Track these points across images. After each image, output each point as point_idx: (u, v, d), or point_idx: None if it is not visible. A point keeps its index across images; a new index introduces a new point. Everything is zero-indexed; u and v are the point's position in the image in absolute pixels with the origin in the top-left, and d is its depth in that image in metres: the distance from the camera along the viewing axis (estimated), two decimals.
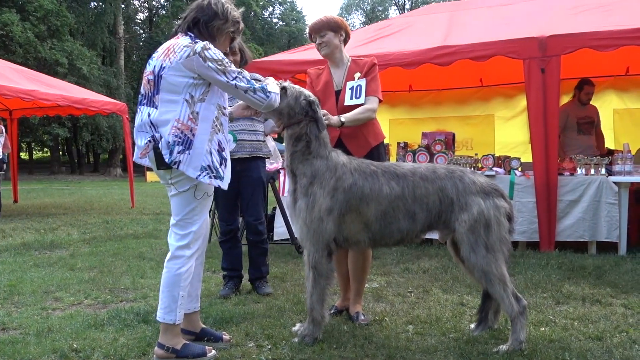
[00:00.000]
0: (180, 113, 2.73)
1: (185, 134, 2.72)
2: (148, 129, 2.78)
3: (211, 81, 2.78)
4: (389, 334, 3.26)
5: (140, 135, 2.81)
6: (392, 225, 3.07)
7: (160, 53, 2.83)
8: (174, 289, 2.82)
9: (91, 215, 10.08)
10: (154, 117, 2.76)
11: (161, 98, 2.75)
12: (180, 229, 2.86)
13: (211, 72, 2.73)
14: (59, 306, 3.93)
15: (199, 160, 2.75)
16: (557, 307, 3.85)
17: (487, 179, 3.18)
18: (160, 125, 2.75)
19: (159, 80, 2.76)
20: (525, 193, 6.05)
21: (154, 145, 2.75)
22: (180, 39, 2.83)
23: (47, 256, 5.92)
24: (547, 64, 5.81)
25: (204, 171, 2.77)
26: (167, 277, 2.85)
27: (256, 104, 2.89)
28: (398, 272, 4.99)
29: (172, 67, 2.73)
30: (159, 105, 2.76)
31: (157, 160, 2.76)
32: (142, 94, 2.86)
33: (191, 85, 2.74)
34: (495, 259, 2.97)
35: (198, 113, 2.77)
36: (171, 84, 2.74)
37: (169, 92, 2.75)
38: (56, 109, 11.26)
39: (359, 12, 53.00)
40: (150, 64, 2.84)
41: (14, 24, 23.65)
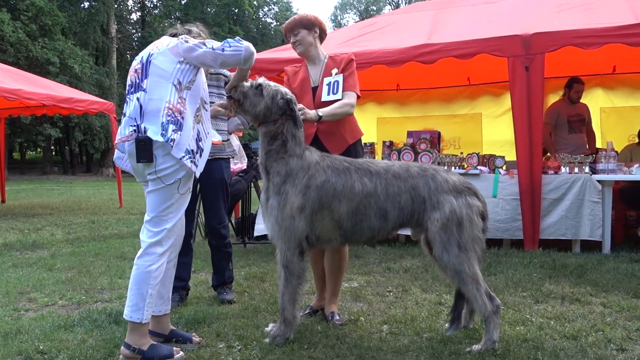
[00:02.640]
0: (170, 95, 2.77)
1: (175, 116, 2.74)
2: (135, 118, 2.75)
3: (194, 58, 2.83)
4: (362, 334, 3.22)
5: (127, 122, 2.78)
6: (363, 222, 3.04)
7: (148, 48, 2.95)
8: (143, 287, 2.77)
9: (78, 215, 10.01)
10: (143, 100, 2.76)
11: (150, 82, 2.79)
12: (153, 226, 2.82)
13: (193, 48, 2.82)
14: (32, 307, 3.88)
15: (186, 142, 2.76)
16: (536, 306, 3.82)
17: (461, 177, 3.14)
18: (148, 107, 2.74)
19: (147, 65, 2.83)
20: (509, 191, 6.03)
21: (137, 137, 2.71)
22: (162, 39, 3.00)
23: (27, 257, 5.86)
24: (531, 62, 5.79)
25: (188, 154, 2.76)
26: (136, 274, 2.80)
27: (236, 56, 2.83)
28: (379, 271, 4.95)
29: (160, 53, 2.84)
30: (148, 88, 2.78)
31: (138, 153, 2.71)
32: (130, 84, 2.88)
33: (179, 70, 2.82)
34: (468, 258, 2.94)
35: (185, 99, 2.82)
36: (160, 68, 2.81)
37: (158, 77, 2.80)
38: (43, 108, 11.16)
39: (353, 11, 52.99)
40: (137, 59, 2.92)
41: (4, 23, 23.48)
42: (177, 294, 3.95)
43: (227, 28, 38.69)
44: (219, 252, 4.14)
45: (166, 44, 2.88)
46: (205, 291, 4.28)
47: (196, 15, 38.75)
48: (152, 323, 2.97)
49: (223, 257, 4.15)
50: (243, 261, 5.49)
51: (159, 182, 2.78)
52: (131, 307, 2.77)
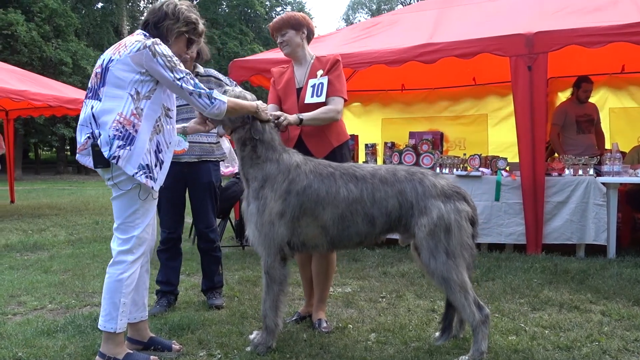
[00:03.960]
0: (123, 107, 2.65)
1: (127, 129, 2.64)
2: (89, 124, 2.68)
3: (157, 77, 2.71)
4: (348, 342, 3.14)
5: (81, 129, 2.72)
6: (350, 229, 2.96)
7: (112, 47, 2.80)
8: (115, 296, 2.72)
9: (83, 215, 10.02)
10: (96, 109, 2.67)
11: (106, 91, 2.68)
12: (121, 233, 2.76)
13: (159, 67, 2.68)
14: (20, 311, 3.85)
15: (139, 157, 2.67)
16: (532, 313, 3.72)
17: (450, 181, 3.05)
18: (101, 118, 2.65)
19: (105, 72, 2.70)
20: (512, 194, 5.91)
21: (93, 142, 2.65)
22: (132, 37, 2.80)
23: (26, 258, 5.85)
24: (534, 62, 5.66)
25: (142, 170, 2.68)
26: (108, 282, 2.75)
27: (200, 108, 2.80)
28: (375, 275, 4.87)
29: (120, 61, 2.69)
30: (103, 98, 2.68)
31: (95, 159, 2.66)
32: (89, 88, 2.79)
33: (138, 81, 2.69)
34: (456, 265, 2.85)
35: (142, 110, 2.70)
36: (117, 78, 2.68)
37: (115, 86, 2.68)
38: (50, 109, 11.21)
39: (365, 10, 52.82)
40: (100, 58, 2.79)
41: (19, 24, 23.69)
42: (165, 299, 3.91)
43: (239, 29, 38.76)
44: (208, 256, 4.09)
45: (130, 48, 2.70)
46: (195, 295, 4.23)
47: (208, 16, 38.88)
48: (129, 330, 2.93)
49: (212, 261, 4.09)
50: (238, 264, 5.44)
51: (117, 189, 2.72)
52: (105, 316, 2.72)
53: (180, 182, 3.94)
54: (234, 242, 6.73)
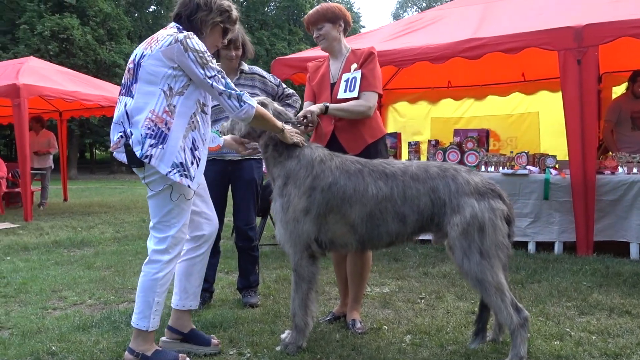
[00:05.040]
0: (155, 104, 2.60)
1: (159, 127, 2.59)
2: (122, 122, 2.66)
3: (189, 73, 2.65)
4: (381, 344, 3.04)
5: (115, 128, 2.70)
6: (380, 227, 2.86)
7: (145, 42, 2.75)
8: (149, 295, 2.71)
9: (131, 213, 10.24)
10: (130, 107, 2.64)
11: (138, 88, 2.64)
12: (157, 232, 2.74)
13: (190, 62, 2.61)
14: (60, 306, 3.92)
15: (172, 156, 2.62)
16: (579, 318, 3.52)
17: (484, 178, 2.90)
18: (134, 116, 2.63)
19: (137, 68, 2.65)
20: (562, 192, 5.67)
21: (125, 142, 2.63)
22: (165, 30, 2.75)
23: (72, 254, 5.99)
24: (583, 55, 5.39)
25: (175, 168, 2.62)
26: (143, 281, 2.75)
27: (228, 109, 2.73)
28: (416, 276, 4.74)
29: (152, 56, 2.62)
30: (136, 95, 2.64)
31: (128, 158, 2.64)
32: (122, 84, 2.76)
33: (170, 76, 2.63)
34: (491, 266, 2.71)
35: (175, 106, 2.64)
36: (149, 74, 2.62)
37: (147, 82, 2.63)
38: (101, 109, 11.52)
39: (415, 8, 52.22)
40: (133, 53, 2.75)
41: (74, 28, 24.55)
42: (200, 297, 3.89)
43: (287, 29, 38.98)
44: (245, 255, 4.06)
45: (161, 42, 2.63)
46: (232, 293, 4.21)
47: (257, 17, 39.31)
48: (172, 318, 2.92)
49: (249, 260, 4.06)
50: (277, 263, 5.41)
51: (150, 189, 2.70)
52: (138, 314, 2.72)
53: (224, 179, 3.95)
54: (274, 241, 6.70)
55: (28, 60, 10.36)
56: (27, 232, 7.63)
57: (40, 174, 10.89)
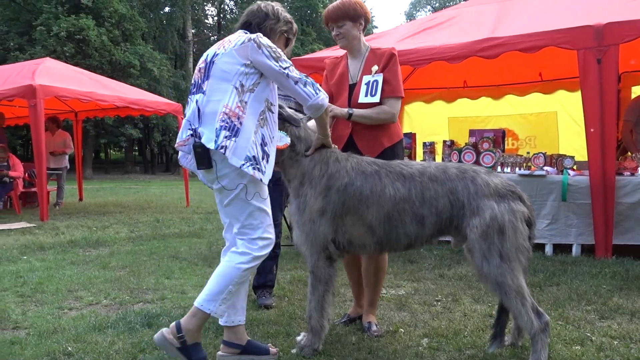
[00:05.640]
0: (229, 99, 2.63)
1: (232, 121, 2.60)
2: (193, 120, 2.67)
3: (262, 68, 2.68)
4: (398, 347, 3.00)
5: (185, 125, 2.70)
6: (398, 229, 2.82)
7: (216, 45, 2.81)
8: (226, 280, 2.66)
9: (145, 213, 10.28)
10: (202, 103, 2.66)
11: (210, 84, 2.67)
12: (244, 236, 2.71)
13: (264, 57, 2.66)
14: (76, 306, 3.92)
15: (244, 149, 2.61)
16: (600, 322, 3.46)
17: (504, 179, 2.85)
18: (205, 112, 2.64)
19: (210, 66, 2.71)
20: (580, 194, 5.59)
21: (195, 143, 2.62)
22: (235, 34, 2.81)
23: (88, 254, 6.01)
24: (603, 54, 5.32)
25: (248, 161, 2.61)
26: (225, 266, 2.69)
27: (304, 97, 2.72)
28: (431, 278, 4.69)
29: (226, 54, 2.68)
30: (207, 91, 2.67)
31: (197, 160, 2.64)
32: (193, 84, 2.79)
33: (242, 73, 2.67)
34: (511, 269, 2.66)
35: (246, 103, 2.67)
36: (223, 71, 2.66)
37: (220, 79, 2.67)
38: (115, 110, 11.59)
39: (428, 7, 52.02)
40: (203, 57, 2.81)
41: (90, 29, 24.74)
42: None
43: (300, 30, 38.96)
44: None
45: (234, 42, 2.69)
46: None
47: None
48: (227, 334, 2.85)
49: (269, 256, 4.02)
50: (291, 264, 5.38)
51: (223, 191, 2.67)
52: (207, 295, 2.67)
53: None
54: (287, 242, 6.68)
55: (44, 61, 10.44)
56: (43, 231, 7.68)
57: (56, 174, 10.97)
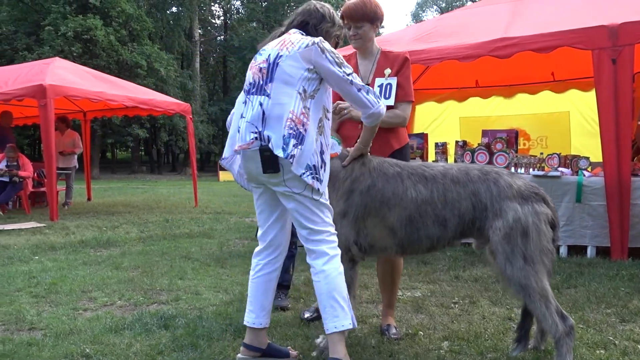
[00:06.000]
0: (294, 105, 2.55)
1: (298, 128, 2.53)
2: (257, 123, 2.56)
3: (325, 73, 2.62)
4: (418, 351, 2.97)
5: (249, 127, 2.57)
6: (420, 231, 2.79)
7: (275, 44, 2.69)
8: (344, 289, 2.58)
9: (154, 213, 10.27)
10: (267, 106, 2.55)
11: (275, 87, 2.57)
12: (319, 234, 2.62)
13: (327, 63, 2.59)
14: (91, 307, 3.90)
15: (307, 158, 2.55)
16: (621, 325, 3.41)
17: (527, 181, 2.82)
18: (271, 116, 2.54)
19: (274, 67, 2.60)
20: (595, 196, 5.54)
21: (262, 146, 2.53)
22: (293, 35, 2.72)
23: (99, 254, 6.00)
24: (618, 55, 5.27)
25: (308, 170, 2.55)
26: (332, 278, 2.56)
27: (367, 105, 2.68)
28: (447, 279, 4.65)
29: (290, 56, 2.58)
30: (272, 94, 2.57)
31: (264, 164, 2.54)
32: (251, 83, 2.66)
33: (305, 78, 2.59)
34: (535, 272, 2.62)
35: (309, 109, 2.60)
36: (287, 74, 2.57)
37: (284, 83, 2.57)
38: (124, 110, 11.60)
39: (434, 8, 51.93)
40: (263, 54, 2.69)
41: (97, 29, 24.79)
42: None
43: None
44: None
45: (298, 45, 2.60)
46: None
47: (276, 18, 39.38)
48: (249, 336, 2.79)
49: (286, 256, 4.00)
50: (304, 265, 5.28)
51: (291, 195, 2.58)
52: (340, 314, 2.54)
53: None
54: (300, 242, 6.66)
55: (54, 61, 10.45)
56: (53, 231, 7.68)
57: (65, 174, 10.97)
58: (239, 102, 2.74)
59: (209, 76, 44.39)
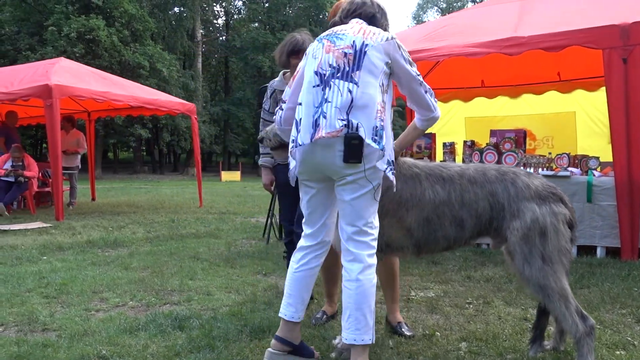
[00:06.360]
0: (379, 97, 2.50)
1: (383, 121, 2.50)
2: (345, 110, 2.44)
3: (400, 70, 2.61)
4: (437, 351, 2.95)
5: (337, 113, 2.43)
6: (437, 232, 2.78)
7: (355, 31, 2.59)
8: (372, 301, 2.51)
9: (160, 213, 10.25)
10: (356, 95, 2.44)
11: (362, 76, 2.48)
12: (365, 236, 2.55)
13: (402, 59, 2.59)
14: (103, 307, 3.88)
15: (388, 153, 2.54)
16: (638, 326, 3.39)
17: (544, 181, 2.80)
18: (359, 106, 2.44)
19: (362, 55, 2.50)
20: (605, 196, 5.52)
21: (350, 134, 2.41)
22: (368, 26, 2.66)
23: (107, 254, 5.98)
24: (629, 54, 5.25)
25: (389, 166, 2.54)
26: (365, 289, 2.49)
27: (430, 107, 2.72)
28: (458, 280, 4.63)
29: (375, 47, 2.52)
30: (360, 82, 2.47)
31: (350, 152, 2.41)
32: (335, 67, 2.52)
33: (384, 72, 2.55)
34: (554, 272, 2.61)
35: (385, 103, 2.57)
36: (373, 65, 2.50)
37: (369, 73, 2.49)
38: (128, 109, 11.58)
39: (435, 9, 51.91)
40: (344, 39, 2.57)
41: (100, 29, 24.79)
42: None
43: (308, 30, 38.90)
44: None
45: (380, 37, 2.55)
46: (274, 296, 4.13)
47: (278, 18, 39.37)
48: (284, 329, 2.74)
49: None
50: None
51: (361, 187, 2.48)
52: (362, 328, 2.48)
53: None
54: None
55: (59, 61, 10.44)
56: (59, 231, 7.66)
57: (69, 174, 10.96)
58: (309, 87, 2.57)
59: (210, 76, 44.39)
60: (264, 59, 34.83)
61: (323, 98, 2.49)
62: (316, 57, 2.61)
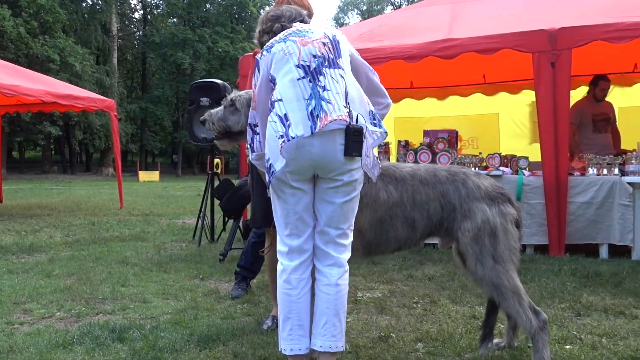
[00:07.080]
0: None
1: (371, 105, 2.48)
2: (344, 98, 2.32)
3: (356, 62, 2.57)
4: (396, 354, 2.88)
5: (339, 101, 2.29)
6: (389, 233, 2.74)
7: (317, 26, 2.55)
8: (345, 308, 2.44)
9: (77, 216, 9.67)
10: (348, 81, 2.39)
11: (344, 64, 2.43)
12: (347, 239, 2.47)
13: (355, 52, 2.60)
14: (27, 320, 3.54)
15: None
16: (579, 320, 3.49)
17: (493, 182, 2.82)
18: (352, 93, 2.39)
19: (337, 45, 2.44)
20: (534, 194, 5.72)
21: (350, 125, 2.28)
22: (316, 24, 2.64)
23: (24, 261, 5.52)
24: (557, 58, 5.47)
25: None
26: (342, 296, 2.40)
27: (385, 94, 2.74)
28: (401, 279, 4.62)
29: (342, 38, 2.50)
30: (346, 70, 2.41)
31: (352, 145, 2.28)
32: (320, 57, 2.35)
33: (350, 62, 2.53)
34: (506, 270, 2.63)
35: None
36: (345, 54, 2.48)
37: (347, 62, 2.46)
38: (40, 105, 10.81)
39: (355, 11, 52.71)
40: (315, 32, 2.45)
41: (5, 19, 23.21)
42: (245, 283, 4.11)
43: (230, 27, 38.35)
44: None
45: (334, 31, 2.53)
46: (216, 302, 3.93)
47: (199, 15, 38.49)
48: None
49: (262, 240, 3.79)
50: None
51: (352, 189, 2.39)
52: (337, 334, 2.37)
53: None
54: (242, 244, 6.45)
55: None
56: None
57: None
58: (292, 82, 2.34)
59: (127, 72, 42.73)
60: (183, 55, 33.95)
61: (318, 87, 2.31)
62: (291, 53, 2.39)
